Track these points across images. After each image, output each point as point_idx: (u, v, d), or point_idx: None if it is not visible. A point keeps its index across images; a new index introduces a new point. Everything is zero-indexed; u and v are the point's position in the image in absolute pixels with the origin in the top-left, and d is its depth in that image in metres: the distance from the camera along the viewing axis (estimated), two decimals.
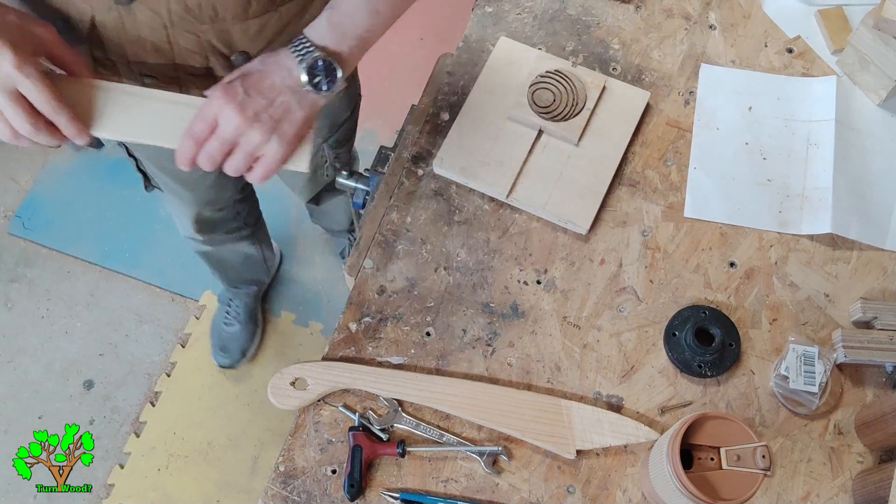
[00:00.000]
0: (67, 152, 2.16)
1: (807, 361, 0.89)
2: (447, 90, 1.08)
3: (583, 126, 1.01)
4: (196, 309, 1.99)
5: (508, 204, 1.00)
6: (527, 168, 1.01)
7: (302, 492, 0.88)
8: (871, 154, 1.03)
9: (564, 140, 1.02)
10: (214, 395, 1.90)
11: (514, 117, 1.02)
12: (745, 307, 0.96)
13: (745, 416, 0.91)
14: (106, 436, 1.86)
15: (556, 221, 0.99)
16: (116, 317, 1.99)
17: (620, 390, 0.92)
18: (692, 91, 1.08)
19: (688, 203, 1.01)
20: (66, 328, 1.97)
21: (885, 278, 0.97)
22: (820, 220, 0.98)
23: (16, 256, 2.05)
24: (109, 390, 1.91)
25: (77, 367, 1.93)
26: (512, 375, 0.93)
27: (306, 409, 0.92)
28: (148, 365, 1.94)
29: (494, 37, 1.10)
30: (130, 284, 2.02)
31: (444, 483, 0.88)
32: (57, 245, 2.06)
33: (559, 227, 1.00)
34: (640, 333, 0.95)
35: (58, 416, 1.88)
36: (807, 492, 0.88)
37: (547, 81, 1.03)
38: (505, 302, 0.97)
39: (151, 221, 2.07)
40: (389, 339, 0.95)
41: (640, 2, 1.13)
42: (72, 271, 2.03)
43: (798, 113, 1.06)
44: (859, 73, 1.05)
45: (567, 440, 0.88)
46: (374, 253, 0.99)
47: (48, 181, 2.13)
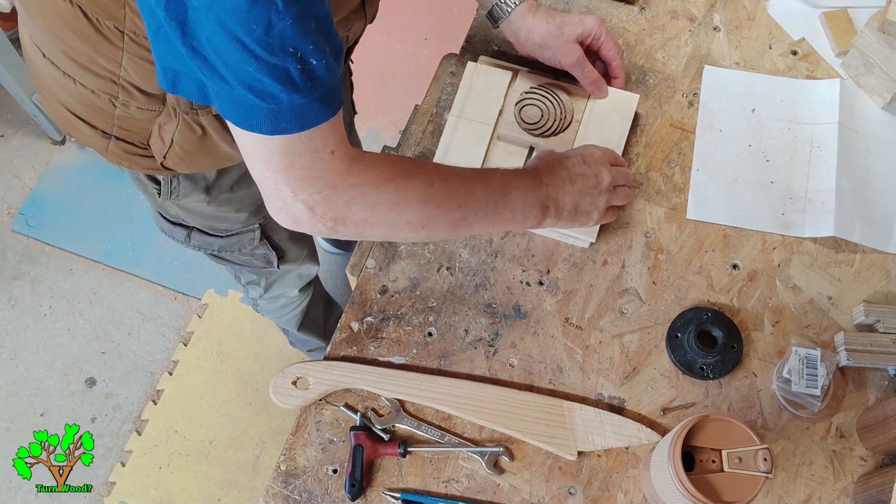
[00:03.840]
0: (71, 150, 2.17)
1: (809, 364, 0.88)
2: (451, 90, 1.08)
3: (573, 139, 1.00)
4: (198, 307, 1.99)
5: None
6: None
7: (303, 491, 0.88)
8: (874, 157, 1.03)
9: None
10: (216, 393, 1.90)
11: (504, 136, 1.01)
12: (747, 309, 0.96)
13: (747, 419, 0.91)
14: (107, 434, 1.86)
15: (559, 238, 0.99)
16: (119, 315, 1.99)
17: (622, 392, 0.92)
18: (696, 92, 1.07)
19: (690, 205, 1.01)
20: (68, 326, 1.98)
21: (888, 281, 0.97)
22: (823, 222, 0.98)
23: (19, 254, 2.05)
24: (111, 388, 1.91)
25: (79, 365, 1.94)
26: (514, 376, 0.93)
27: (308, 409, 0.92)
28: (150, 363, 1.94)
29: (499, 37, 1.10)
30: (133, 283, 2.02)
31: (445, 483, 0.88)
32: (60, 243, 2.06)
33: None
34: (643, 335, 0.95)
35: (59, 413, 1.88)
36: (808, 495, 0.88)
37: (533, 97, 1.02)
38: (507, 302, 0.97)
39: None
40: (391, 338, 0.95)
41: (644, 3, 1.13)
42: (75, 269, 2.04)
43: (802, 115, 1.05)
44: (864, 75, 1.05)
45: (568, 441, 0.88)
46: (377, 253, 0.99)
47: (52, 179, 2.13)
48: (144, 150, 0.88)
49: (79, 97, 0.83)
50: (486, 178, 0.83)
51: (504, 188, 0.83)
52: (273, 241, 1.16)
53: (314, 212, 0.71)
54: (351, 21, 0.84)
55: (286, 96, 0.61)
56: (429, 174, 0.78)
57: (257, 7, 0.55)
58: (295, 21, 0.57)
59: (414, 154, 1.04)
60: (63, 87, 0.83)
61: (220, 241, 1.10)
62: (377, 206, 0.74)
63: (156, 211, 1.08)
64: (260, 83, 0.60)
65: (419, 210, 0.77)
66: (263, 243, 1.14)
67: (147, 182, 0.96)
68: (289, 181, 0.68)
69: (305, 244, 1.28)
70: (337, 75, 0.65)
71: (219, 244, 1.11)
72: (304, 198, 0.70)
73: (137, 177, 0.96)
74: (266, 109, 0.62)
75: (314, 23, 0.59)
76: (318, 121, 0.65)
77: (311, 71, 0.61)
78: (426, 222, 0.78)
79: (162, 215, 1.08)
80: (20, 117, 2.18)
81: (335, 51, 0.64)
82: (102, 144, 0.88)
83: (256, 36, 0.57)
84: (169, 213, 1.06)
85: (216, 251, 1.13)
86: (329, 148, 0.68)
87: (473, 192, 0.80)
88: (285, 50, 0.58)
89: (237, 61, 0.59)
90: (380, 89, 2.20)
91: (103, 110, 0.84)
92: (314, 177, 0.69)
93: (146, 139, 0.86)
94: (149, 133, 0.86)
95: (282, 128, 0.64)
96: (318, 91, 0.63)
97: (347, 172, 0.70)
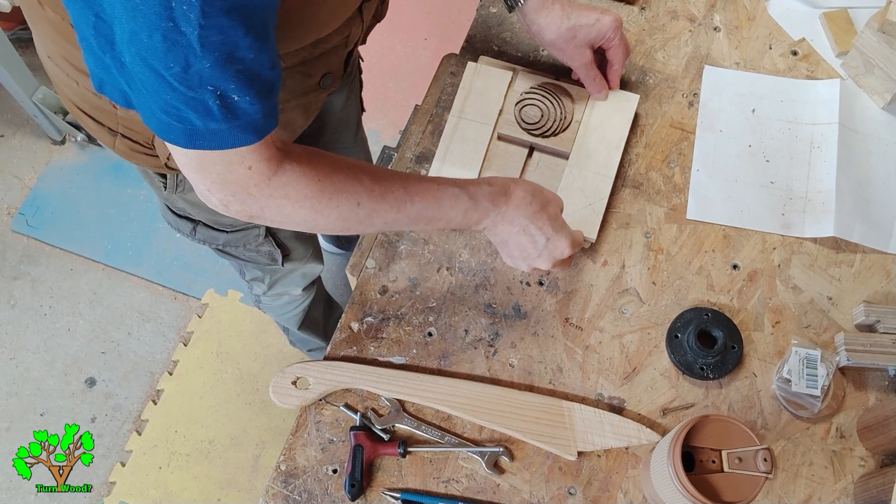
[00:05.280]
0: (71, 150, 2.17)
1: (809, 364, 0.88)
2: (451, 90, 1.08)
3: (573, 139, 1.00)
4: (198, 307, 1.99)
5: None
6: None
7: (303, 491, 0.88)
8: (874, 157, 1.03)
9: (557, 155, 1.01)
10: (216, 393, 1.90)
11: (504, 136, 1.01)
12: (747, 309, 0.96)
13: (747, 419, 0.91)
14: (107, 434, 1.86)
15: None
16: (119, 315, 1.99)
17: (622, 392, 0.92)
18: (696, 93, 1.07)
19: (690, 205, 1.01)
20: (68, 326, 1.98)
21: (888, 282, 0.97)
22: (823, 222, 0.98)
23: (19, 254, 2.05)
24: (111, 388, 1.91)
25: (79, 365, 1.93)
26: (514, 376, 0.93)
27: (308, 409, 0.92)
28: (150, 363, 1.94)
29: (499, 38, 1.10)
30: (133, 282, 2.02)
31: (445, 483, 0.88)
32: (60, 243, 2.06)
33: None
34: (643, 335, 0.95)
35: (59, 413, 1.88)
36: (808, 495, 0.88)
37: (533, 97, 1.02)
38: (507, 303, 0.97)
39: (154, 220, 2.07)
40: (391, 339, 0.95)
41: (644, 3, 1.13)
42: (75, 269, 2.04)
43: (802, 115, 1.05)
44: (864, 75, 1.05)
45: (568, 441, 0.88)
46: (377, 253, 0.99)
47: (52, 179, 2.13)
48: (149, 149, 0.88)
49: (83, 97, 0.84)
50: (425, 194, 0.80)
51: (438, 205, 0.81)
52: (278, 239, 1.16)
53: (228, 208, 0.71)
54: (348, 27, 0.84)
55: (201, 123, 0.62)
56: (359, 193, 0.76)
57: (174, 50, 0.56)
58: (214, 64, 0.58)
59: (414, 154, 1.04)
60: (68, 87, 0.85)
61: (226, 235, 1.11)
62: (292, 217, 0.74)
63: (162, 203, 1.09)
64: (177, 110, 0.61)
65: (338, 225, 0.77)
66: (268, 240, 1.14)
67: (154, 175, 0.97)
68: (204, 181, 0.69)
69: (310, 243, 1.28)
70: (270, 106, 0.65)
71: (224, 239, 1.11)
72: (220, 196, 0.70)
73: (144, 170, 0.97)
74: (183, 129, 0.63)
75: (239, 65, 0.60)
76: (237, 144, 0.65)
77: (231, 105, 0.62)
78: (344, 231, 0.79)
79: (169, 208, 1.08)
80: (20, 117, 2.18)
81: (266, 88, 0.64)
82: (110, 140, 0.89)
83: (174, 73, 0.58)
84: (175, 206, 1.06)
85: (221, 245, 1.13)
86: (246, 164, 0.68)
87: (404, 209, 0.79)
88: (203, 87, 0.59)
89: (156, 89, 0.59)
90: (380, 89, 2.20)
91: (106, 110, 0.84)
92: (229, 182, 0.69)
93: (151, 140, 0.87)
94: (153, 135, 0.86)
95: (198, 144, 0.64)
96: (239, 121, 0.63)
97: (265, 185, 0.70)
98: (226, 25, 0.56)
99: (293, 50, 0.78)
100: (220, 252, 1.17)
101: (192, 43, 0.56)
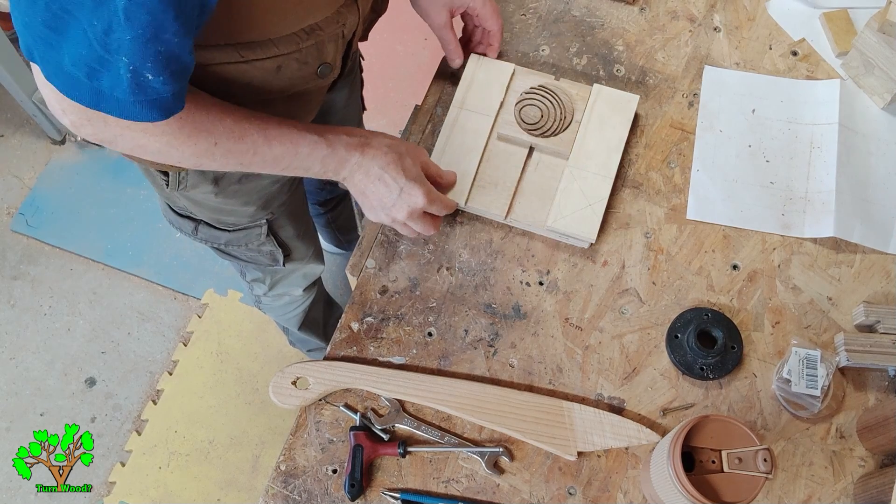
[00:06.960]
0: (71, 150, 2.17)
1: (809, 365, 0.88)
2: (450, 90, 1.08)
3: (573, 140, 1.00)
4: (198, 307, 1.99)
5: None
6: (522, 187, 1.00)
7: (303, 491, 0.88)
8: (874, 157, 1.03)
9: (556, 155, 1.01)
10: (216, 393, 1.90)
11: (504, 136, 1.01)
12: (747, 310, 0.96)
13: (746, 419, 0.91)
14: (107, 434, 1.86)
15: (559, 239, 0.99)
16: (119, 315, 1.99)
17: (622, 392, 0.92)
18: (696, 93, 1.07)
19: (690, 205, 1.01)
20: (68, 326, 1.98)
21: (888, 282, 0.97)
22: (823, 223, 0.98)
23: (18, 254, 2.05)
24: (111, 388, 1.91)
25: (79, 365, 1.94)
26: (513, 376, 0.93)
27: (308, 409, 0.92)
28: (150, 363, 1.94)
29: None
30: (133, 282, 2.02)
31: (445, 483, 0.88)
32: (59, 242, 2.06)
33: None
34: (643, 335, 0.95)
35: (59, 413, 1.88)
36: (808, 495, 0.88)
37: (533, 97, 1.02)
38: (507, 303, 0.97)
39: (154, 220, 2.07)
40: (391, 339, 0.95)
41: (644, 3, 1.13)
42: (74, 269, 2.04)
43: (802, 116, 1.05)
44: (864, 76, 1.05)
45: (568, 442, 0.88)
46: (377, 253, 0.99)
47: (51, 178, 2.13)
48: None
49: None
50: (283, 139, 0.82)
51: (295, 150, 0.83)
52: (279, 238, 1.16)
53: (79, 130, 0.73)
54: (343, 15, 0.84)
55: (108, 88, 0.63)
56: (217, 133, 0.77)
57: (101, 9, 0.57)
58: (135, 39, 0.59)
59: None
60: None
61: (227, 235, 1.11)
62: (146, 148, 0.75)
63: (164, 202, 1.09)
64: (88, 67, 0.62)
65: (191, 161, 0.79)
66: (270, 240, 1.14)
67: (155, 174, 0.97)
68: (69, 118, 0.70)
69: (311, 243, 1.28)
70: (181, 87, 0.67)
71: (226, 238, 1.11)
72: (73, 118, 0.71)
73: (145, 167, 0.97)
74: (90, 87, 0.64)
75: (161, 46, 0.61)
76: (141, 119, 0.67)
77: (142, 83, 0.63)
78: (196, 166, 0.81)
79: (170, 207, 1.08)
80: (20, 117, 2.18)
81: (182, 70, 0.65)
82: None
83: (95, 31, 0.59)
84: (177, 204, 1.07)
85: (223, 245, 1.14)
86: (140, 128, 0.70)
87: (261, 152, 0.81)
88: (119, 55, 0.60)
89: (73, 41, 0.60)
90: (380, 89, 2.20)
91: None
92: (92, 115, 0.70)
93: None
94: None
95: (102, 107, 0.66)
96: (146, 97, 0.64)
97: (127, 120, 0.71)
98: (157, 8, 0.58)
99: (287, 34, 0.78)
100: (222, 252, 1.17)
101: (118, 11, 0.57)
